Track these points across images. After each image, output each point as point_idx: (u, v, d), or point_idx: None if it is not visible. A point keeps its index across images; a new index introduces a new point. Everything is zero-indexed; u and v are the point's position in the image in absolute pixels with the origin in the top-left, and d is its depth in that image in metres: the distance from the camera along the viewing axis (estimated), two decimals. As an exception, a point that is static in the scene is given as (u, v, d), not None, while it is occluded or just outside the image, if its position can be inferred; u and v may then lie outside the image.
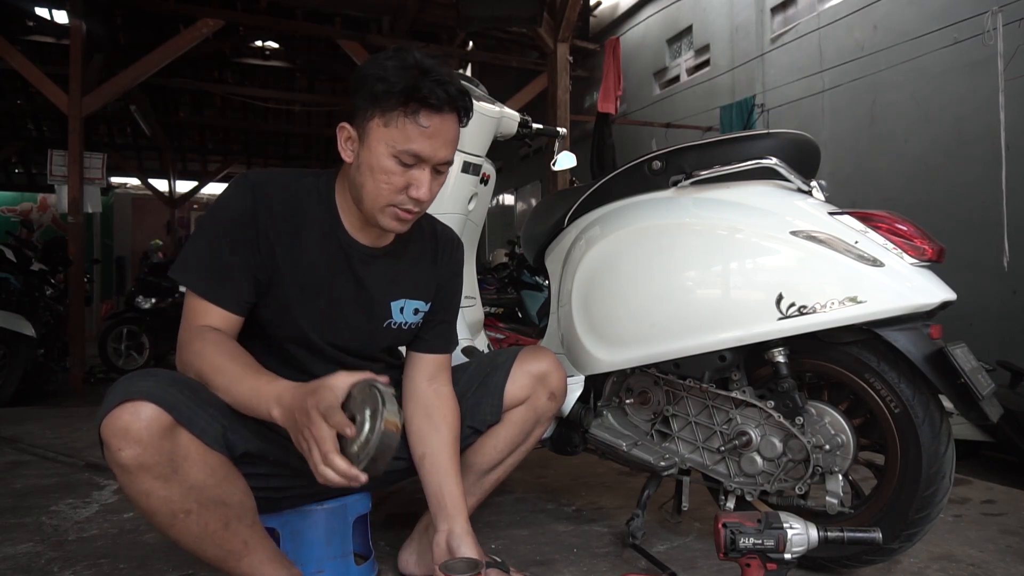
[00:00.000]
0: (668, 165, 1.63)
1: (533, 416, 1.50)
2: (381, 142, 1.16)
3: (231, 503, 1.14)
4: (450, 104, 1.16)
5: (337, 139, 1.22)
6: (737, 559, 1.13)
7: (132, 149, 12.47)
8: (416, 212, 1.22)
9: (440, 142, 1.17)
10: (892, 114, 5.70)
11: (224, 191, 1.24)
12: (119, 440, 1.03)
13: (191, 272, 1.20)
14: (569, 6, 5.40)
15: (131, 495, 1.07)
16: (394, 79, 1.13)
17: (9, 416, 3.73)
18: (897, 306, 1.33)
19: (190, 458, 1.08)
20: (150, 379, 1.09)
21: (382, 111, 1.14)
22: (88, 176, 5.79)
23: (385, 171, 1.17)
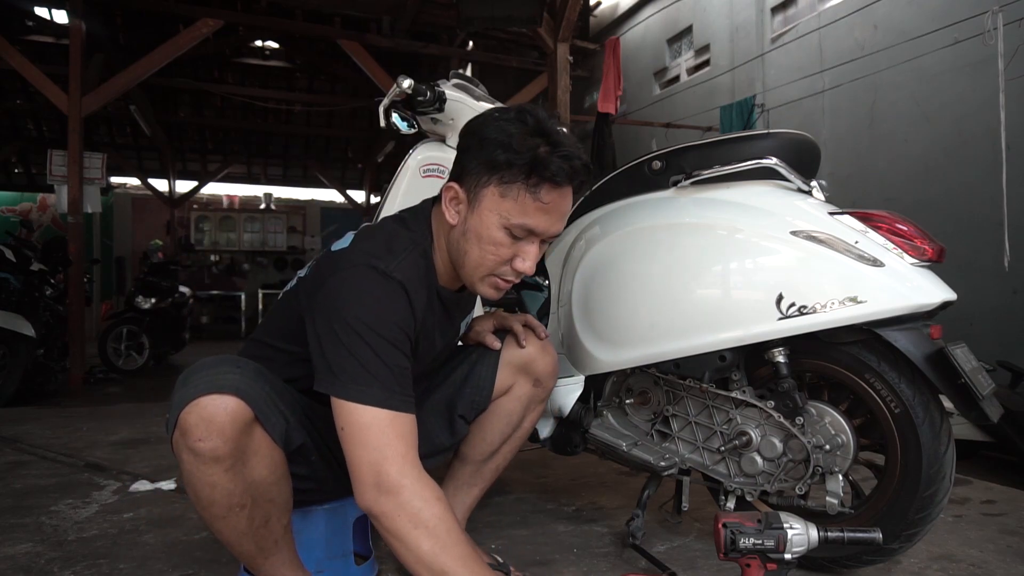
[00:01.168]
0: (668, 165, 1.62)
1: (519, 405, 1.50)
2: (495, 212, 1.11)
3: (279, 501, 1.16)
4: (573, 179, 1.12)
5: (442, 198, 1.17)
6: (737, 559, 1.13)
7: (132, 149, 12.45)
8: (513, 282, 1.19)
9: (556, 217, 1.13)
10: (892, 114, 5.70)
11: (368, 290, 1.09)
12: (201, 430, 1.03)
13: (375, 388, 1.05)
14: (569, 6, 5.39)
15: (195, 483, 1.07)
16: (518, 149, 1.08)
17: (9, 416, 3.73)
18: (897, 306, 1.33)
19: (259, 453, 1.10)
20: (236, 371, 1.09)
21: (500, 180, 1.09)
22: (88, 176, 5.79)
23: (495, 242, 1.12)
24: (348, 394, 1.05)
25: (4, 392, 4.22)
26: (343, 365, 1.06)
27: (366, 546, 1.53)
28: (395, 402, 1.06)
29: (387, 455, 1.03)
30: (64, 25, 6.43)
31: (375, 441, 1.04)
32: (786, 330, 1.39)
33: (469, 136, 1.15)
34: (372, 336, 1.06)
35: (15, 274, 4.65)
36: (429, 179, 1.75)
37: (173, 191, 12.07)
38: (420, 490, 1.01)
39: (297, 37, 8.43)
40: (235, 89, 9.76)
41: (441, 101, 1.68)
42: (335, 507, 1.41)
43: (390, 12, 6.40)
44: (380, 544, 1.65)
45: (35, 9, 7.13)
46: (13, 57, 5.37)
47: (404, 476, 1.02)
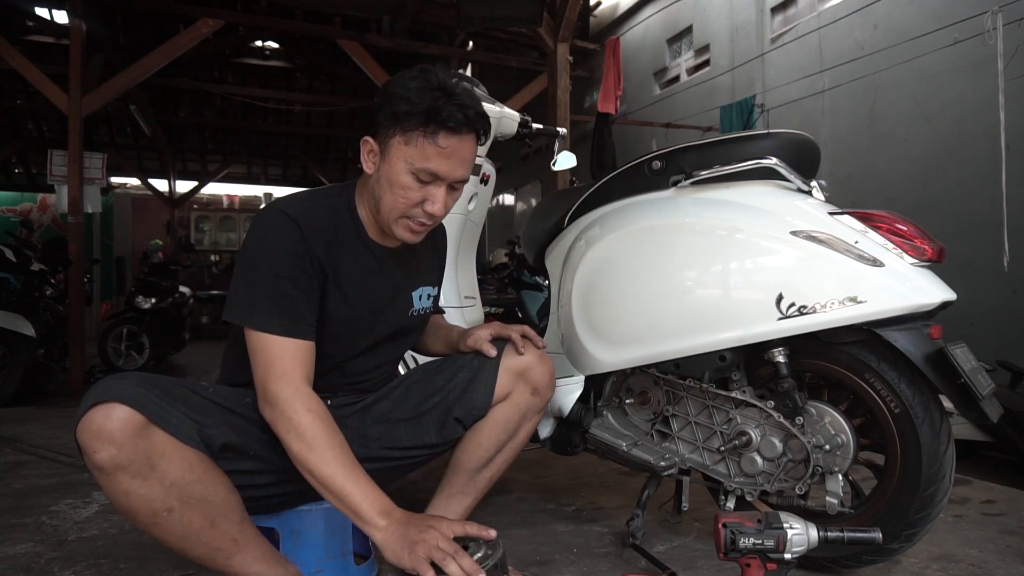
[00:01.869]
0: (668, 165, 1.62)
1: (516, 413, 1.48)
2: (401, 159, 1.21)
3: (214, 500, 1.16)
4: (468, 126, 1.21)
5: (360, 151, 1.28)
6: (737, 559, 1.13)
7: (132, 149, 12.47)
8: (428, 225, 1.28)
9: (457, 162, 1.22)
10: (892, 114, 5.70)
11: (264, 228, 1.25)
12: (94, 442, 1.06)
13: (258, 313, 1.20)
14: (569, 6, 5.39)
15: (111, 496, 1.10)
16: (416, 100, 1.18)
17: (9, 416, 3.73)
18: (897, 306, 1.33)
19: (167, 455, 1.10)
20: (120, 381, 1.12)
21: (403, 130, 1.20)
22: (88, 176, 5.78)
23: (403, 186, 1.22)
24: (234, 317, 1.21)
25: (4, 392, 4.21)
26: (235, 293, 1.23)
27: (366, 546, 1.53)
28: (274, 326, 1.19)
29: (270, 374, 1.18)
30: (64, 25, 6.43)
31: (261, 360, 1.20)
32: (786, 330, 1.39)
33: (380, 95, 1.25)
34: (262, 266, 1.21)
35: (15, 274, 4.65)
36: (429, 179, 1.75)
37: (173, 191, 12.08)
38: (293, 403, 1.16)
39: (297, 37, 8.44)
40: (235, 89, 9.76)
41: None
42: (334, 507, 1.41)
43: (390, 12, 6.39)
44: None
45: (35, 9, 7.14)
46: (13, 57, 5.37)
47: (281, 391, 1.17)
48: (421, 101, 1.18)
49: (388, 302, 1.39)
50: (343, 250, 1.31)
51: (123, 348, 6.28)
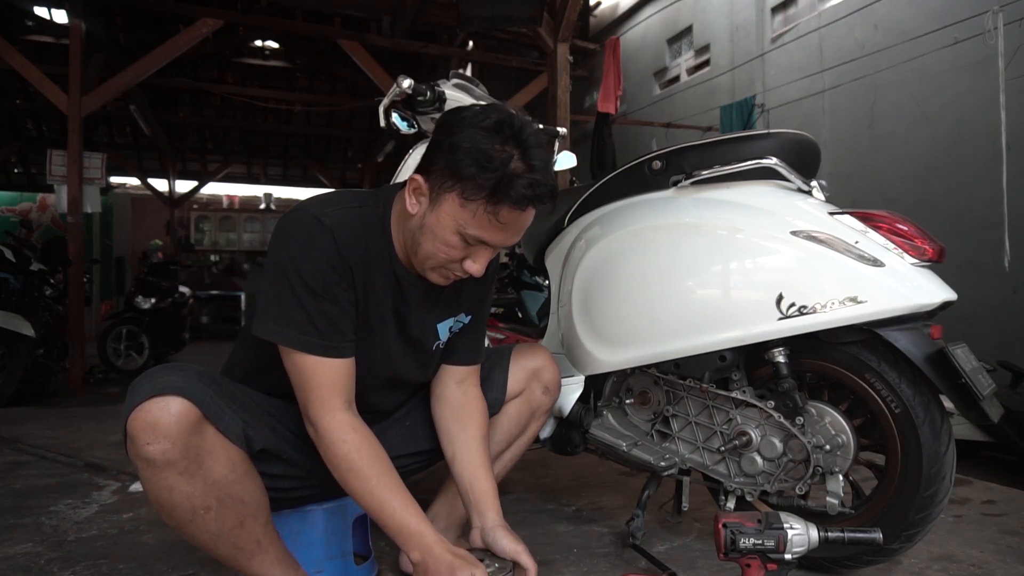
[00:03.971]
0: (668, 165, 1.62)
1: (528, 409, 1.53)
2: (452, 217, 1.11)
3: (248, 500, 1.16)
4: (535, 204, 1.11)
5: (406, 187, 1.17)
6: (737, 559, 1.13)
7: (132, 149, 12.46)
8: (463, 278, 1.20)
9: (512, 233, 1.14)
10: (892, 114, 5.70)
11: (297, 235, 1.15)
12: (148, 434, 1.03)
13: (294, 330, 1.13)
14: (569, 6, 5.39)
15: (153, 490, 1.08)
16: (488, 168, 1.06)
17: (9, 416, 3.73)
18: (897, 306, 1.33)
19: (214, 453, 1.10)
20: (178, 374, 1.09)
21: (463, 192, 1.08)
22: (88, 176, 5.78)
23: (447, 243, 1.13)
24: (268, 333, 1.14)
25: (4, 392, 4.21)
26: (267, 306, 1.15)
27: (366, 546, 1.53)
28: (313, 346, 1.13)
29: (309, 398, 1.15)
30: (64, 25, 6.42)
31: (299, 381, 1.16)
32: (786, 330, 1.39)
33: (442, 133, 1.13)
34: (295, 279, 1.13)
35: (15, 274, 4.65)
36: (429, 179, 1.75)
37: (173, 191, 12.07)
38: (334, 431, 1.14)
39: (297, 37, 8.43)
40: (235, 89, 9.75)
41: (441, 101, 1.68)
42: (334, 507, 1.41)
43: (390, 12, 6.39)
44: (380, 544, 1.65)
45: (35, 9, 7.13)
46: (13, 57, 5.36)
47: (322, 418, 1.14)
48: (492, 169, 1.06)
49: (410, 335, 1.31)
50: (374, 270, 1.22)
51: (123, 348, 6.28)
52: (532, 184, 1.08)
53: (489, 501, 1.28)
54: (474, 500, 1.29)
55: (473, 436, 1.34)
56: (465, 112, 1.13)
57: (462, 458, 1.33)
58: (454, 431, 1.35)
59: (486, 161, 1.06)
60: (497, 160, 1.06)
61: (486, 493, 1.29)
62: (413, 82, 1.64)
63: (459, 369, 1.41)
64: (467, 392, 1.40)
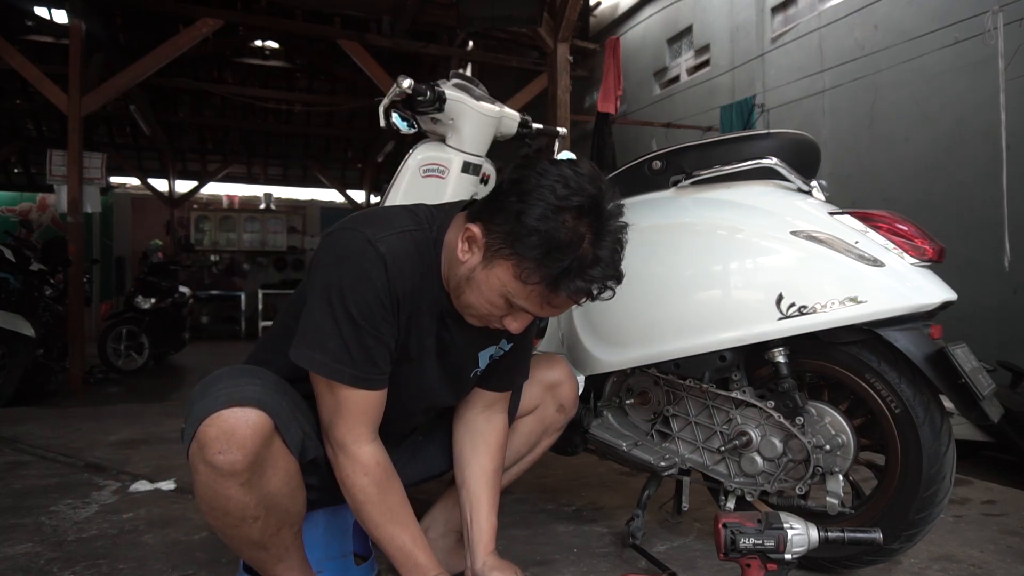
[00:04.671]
0: (668, 165, 1.62)
1: (540, 427, 1.51)
2: (503, 284, 1.05)
3: (292, 511, 1.16)
4: (595, 298, 1.06)
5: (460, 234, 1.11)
6: (737, 559, 1.13)
7: (132, 149, 12.45)
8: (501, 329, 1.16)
9: (561, 311, 1.11)
10: (892, 114, 5.70)
11: (348, 260, 1.09)
12: (221, 443, 1.02)
13: (330, 360, 1.09)
14: (569, 6, 5.39)
15: (208, 494, 1.06)
16: (554, 259, 0.99)
17: (9, 416, 3.72)
18: (897, 306, 1.33)
19: (276, 466, 1.10)
20: (257, 383, 1.08)
21: (520, 268, 1.02)
22: (87, 176, 5.78)
23: (492, 303, 1.09)
24: (303, 359, 1.11)
25: (4, 392, 4.21)
26: (307, 331, 1.12)
27: (365, 546, 1.53)
28: (346, 377, 1.10)
29: (334, 422, 1.14)
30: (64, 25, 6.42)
31: (327, 405, 1.14)
32: (786, 330, 1.39)
33: (514, 191, 1.03)
34: (338, 306, 1.08)
35: (15, 274, 4.64)
36: (429, 179, 1.75)
37: (173, 191, 12.07)
38: (354, 461, 1.14)
39: (297, 37, 8.43)
40: (235, 89, 9.75)
41: (441, 101, 1.68)
42: (334, 508, 1.41)
43: (390, 12, 6.39)
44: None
45: (35, 9, 7.13)
46: (13, 57, 5.36)
47: (345, 444, 1.14)
48: (558, 261, 0.99)
49: (452, 366, 1.27)
50: (422, 302, 1.16)
51: (123, 348, 6.28)
52: (594, 279, 1.02)
53: (484, 540, 1.28)
54: (471, 538, 1.30)
55: (485, 469, 1.33)
56: (545, 178, 1.01)
57: (469, 489, 1.32)
58: (468, 457, 1.34)
59: (554, 249, 0.99)
60: (566, 250, 0.99)
61: (482, 532, 1.29)
62: (413, 82, 1.64)
63: (489, 394, 1.37)
64: (491, 419, 1.37)
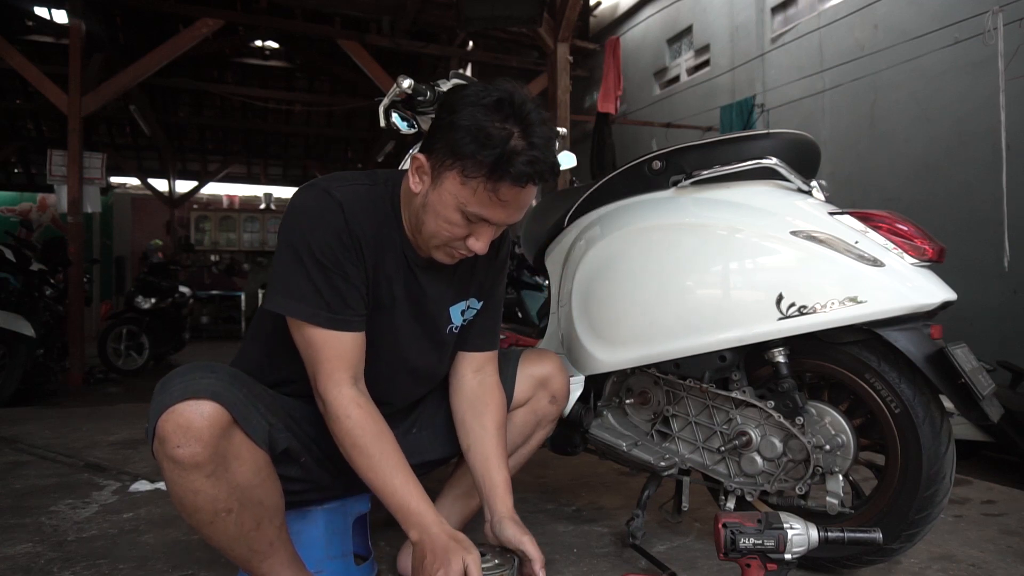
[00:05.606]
0: (668, 165, 1.62)
1: (534, 418, 1.51)
2: (452, 195, 1.09)
3: (268, 504, 1.16)
4: (534, 181, 1.09)
5: (408, 165, 1.17)
6: (737, 559, 1.13)
7: (132, 149, 12.45)
8: (468, 256, 1.19)
9: (513, 210, 1.13)
10: (892, 114, 5.70)
11: (305, 208, 1.16)
12: (179, 436, 1.03)
13: (303, 303, 1.13)
14: (569, 6, 5.39)
15: (177, 491, 1.07)
16: (485, 144, 1.04)
17: (9, 416, 3.73)
18: (897, 306, 1.33)
19: (241, 457, 1.10)
20: (211, 375, 1.10)
21: (462, 169, 1.07)
22: (88, 176, 5.79)
23: (449, 221, 1.12)
24: (276, 306, 1.15)
25: (4, 392, 4.21)
26: (276, 279, 1.16)
27: (365, 546, 1.53)
28: (321, 319, 1.13)
29: (318, 371, 1.16)
30: (64, 25, 6.43)
31: (308, 354, 1.16)
32: (786, 330, 1.39)
33: (444, 111, 1.12)
34: (304, 252, 1.13)
35: (15, 274, 4.65)
36: (429, 179, 1.75)
37: (173, 191, 12.07)
38: (341, 406, 1.15)
39: (297, 37, 8.43)
40: (235, 89, 9.75)
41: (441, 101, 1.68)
42: (334, 507, 1.41)
43: (390, 12, 6.39)
44: (379, 544, 1.65)
45: (35, 9, 7.13)
46: (13, 57, 5.37)
47: (329, 391, 1.15)
48: (491, 147, 1.04)
49: (422, 317, 1.29)
50: (384, 250, 1.21)
51: (123, 348, 6.28)
52: (532, 161, 1.06)
53: (499, 493, 1.27)
54: (486, 492, 1.28)
55: (488, 427, 1.33)
56: (467, 90, 1.11)
57: (476, 449, 1.32)
58: (470, 421, 1.34)
59: (485, 139, 1.05)
60: (497, 137, 1.05)
61: (497, 485, 1.28)
62: (413, 82, 1.64)
63: (476, 356, 1.39)
64: (484, 381, 1.38)
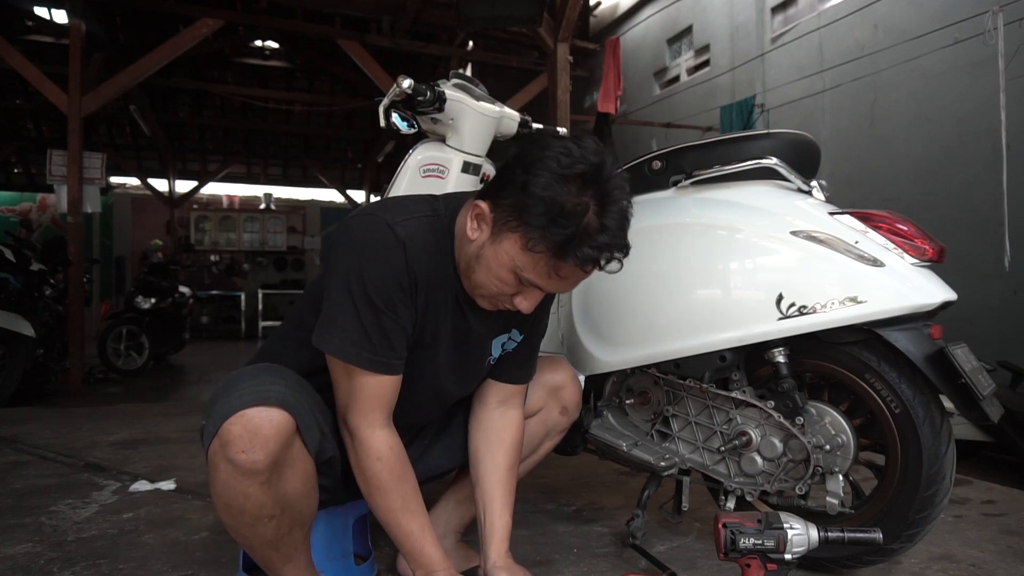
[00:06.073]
0: (668, 165, 1.62)
1: (543, 429, 1.51)
2: (511, 258, 1.06)
3: (305, 512, 1.16)
4: (602, 265, 1.06)
5: (469, 212, 1.12)
6: (737, 559, 1.13)
7: (132, 149, 12.45)
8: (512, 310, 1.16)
9: (569, 285, 1.11)
10: (892, 114, 5.70)
11: (367, 244, 1.10)
12: (244, 442, 1.01)
13: (347, 342, 1.10)
14: (569, 6, 5.39)
15: (226, 493, 1.05)
16: (559, 224, 1.00)
17: (9, 416, 3.72)
18: (897, 306, 1.33)
19: (295, 465, 1.09)
20: (280, 382, 1.09)
21: (527, 237, 1.03)
22: (87, 176, 5.79)
23: (501, 279, 1.09)
24: (321, 341, 1.12)
25: (4, 392, 4.21)
26: (325, 313, 1.13)
27: (365, 546, 1.53)
28: (363, 360, 1.11)
29: (350, 406, 1.15)
30: (64, 25, 6.43)
31: (343, 389, 1.15)
32: (786, 330, 1.39)
33: (518, 164, 1.05)
34: (357, 290, 1.09)
35: (15, 274, 4.65)
36: (429, 179, 1.75)
37: (173, 191, 12.07)
38: (368, 446, 1.14)
39: (297, 37, 8.43)
40: (235, 89, 9.76)
41: (441, 101, 1.68)
42: (335, 509, 1.41)
43: (390, 12, 6.39)
44: (379, 544, 1.65)
45: (35, 9, 7.13)
46: (13, 57, 5.37)
47: (360, 429, 1.14)
48: (563, 226, 0.99)
49: (465, 351, 1.26)
50: (437, 286, 1.17)
51: (123, 348, 6.28)
52: (601, 247, 1.02)
53: (496, 540, 1.28)
54: (484, 535, 1.30)
55: (500, 465, 1.32)
56: (549, 150, 1.03)
57: (483, 487, 1.32)
58: (482, 454, 1.34)
59: (559, 215, 1.00)
60: (571, 215, 1.00)
61: (495, 531, 1.29)
62: (413, 82, 1.63)
63: (504, 387, 1.36)
64: (506, 415, 1.36)
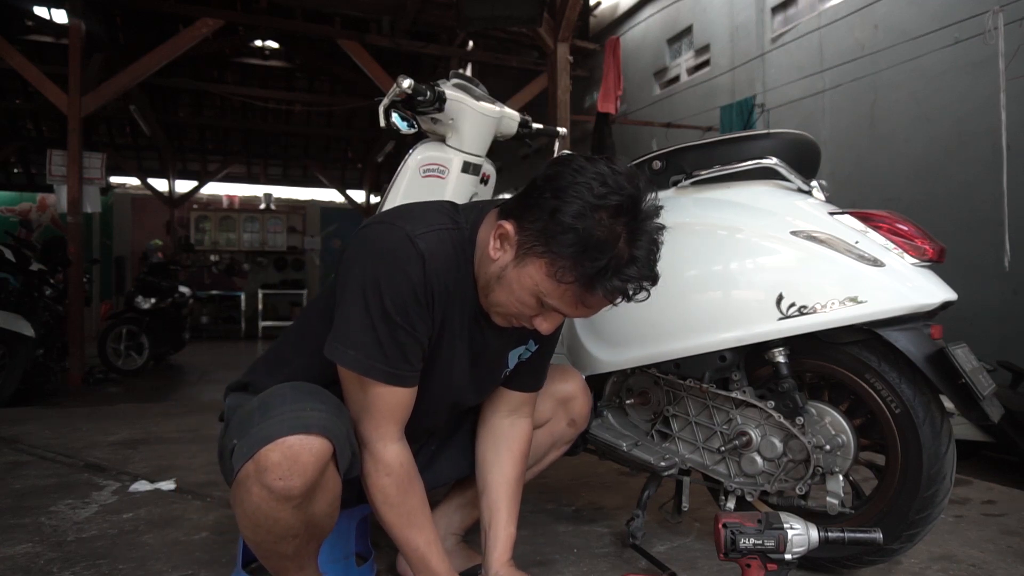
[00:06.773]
0: (668, 165, 1.62)
1: (549, 439, 1.51)
2: (535, 282, 1.03)
3: (326, 527, 1.15)
4: (630, 299, 1.04)
5: (492, 231, 1.09)
6: (737, 559, 1.13)
7: (131, 149, 12.45)
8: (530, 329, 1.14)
9: (593, 311, 1.08)
10: (892, 114, 5.70)
11: (383, 252, 1.07)
12: (283, 469, 0.99)
13: (362, 355, 1.08)
14: (569, 6, 5.39)
15: (256, 514, 1.03)
16: (589, 256, 0.97)
17: (9, 416, 3.72)
18: (898, 306, 1.33)
19: (326, 488, 1.08)
20: (321, 407, 1.06)
21: (553, 265, 0.99)
22: (87, 176, 5.78)
23: (522, 302, 1.06)
24: (334, 352, 1.10)
25: (4, 392, 4.21)
26: (340, 324, 1.10)
27: (366, 546, 1.53)
28: (378, 373, 1.09)
29: (362, 418, 1.14)
30: (64, 25, 6.42)
31: (355, 400, 1.14)
32: (786, 330, 1.39)
33: (548, 190, 1.01)
34: (373, 302, 1.06)
35: (15, 274, 4.65)
36: (429, 179, 1.75)
37: (173, 191, 12.07)
38: (379, 459, 1.14)
39: (297, 37, 8.43)
40: (235, 89, 9.76)
41: (441, 101, 1.68)
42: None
43: (390, 12, 6.39)
44: (379, 544, 1.65)
45: (35, 9, 7.13)
46: (13, 57, 5.37)
47: (371, 441, 1.14)
48: (593, 259, 0.97)
49: (482, 366, 1.25)
50: (455, 300, 1.14)
51: (123, 348, 6.28)
52: (629, 279, 1.00)
53: (499, 549, 1.28)
54: (487, 543, 1.30)
55: (507, 477, 1.31)
56: (582, 175, 0.99)
57: (489, 496, 1.32)
58: (490, 462, 1.33)
59: (591, 249, 0.97)
60: (603, 246, 0.97)
61: (499, 540, 1.28)
62: (413, 82, 1.63)
63: (515, 395, 1.35)
64: (515, 424, 1.35)
